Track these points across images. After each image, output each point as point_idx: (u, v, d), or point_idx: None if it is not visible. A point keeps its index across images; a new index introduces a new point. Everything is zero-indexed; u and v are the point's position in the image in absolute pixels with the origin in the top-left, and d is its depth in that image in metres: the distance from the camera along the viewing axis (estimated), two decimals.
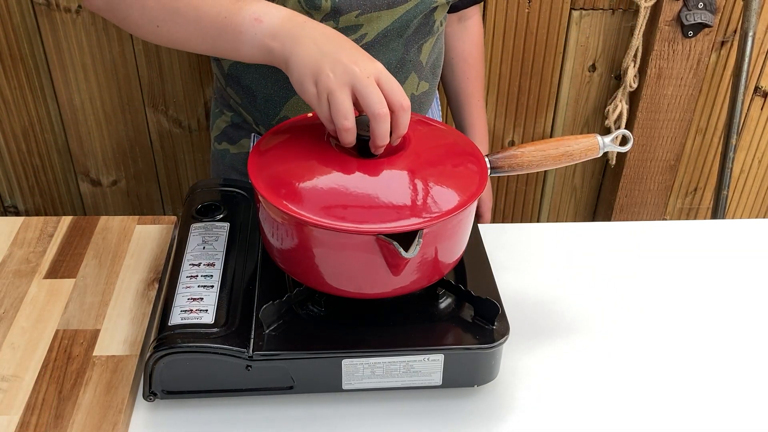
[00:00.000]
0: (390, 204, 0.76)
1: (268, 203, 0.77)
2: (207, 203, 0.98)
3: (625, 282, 1.02)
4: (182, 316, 0.81)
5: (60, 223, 1.04)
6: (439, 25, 1.15)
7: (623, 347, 0.93)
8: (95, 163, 1.89)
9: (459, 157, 0.86)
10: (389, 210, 0.76)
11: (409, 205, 0.76)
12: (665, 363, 0.91)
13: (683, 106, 1.85)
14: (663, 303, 0.99)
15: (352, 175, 0.78)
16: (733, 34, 1.80)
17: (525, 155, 0.88)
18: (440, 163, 0.84)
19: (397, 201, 0.77)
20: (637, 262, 1.07)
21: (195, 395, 0.82)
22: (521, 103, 1.87)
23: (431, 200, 0.78)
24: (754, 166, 2.04)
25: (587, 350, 0.92)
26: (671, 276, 1.05)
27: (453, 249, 0.83)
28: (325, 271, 0.79)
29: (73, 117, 1.81)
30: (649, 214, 2.03)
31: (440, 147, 0.87)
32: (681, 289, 1.03)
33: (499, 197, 2.05)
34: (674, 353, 0.92)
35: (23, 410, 0.78)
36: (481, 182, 0.81)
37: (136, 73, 1.76)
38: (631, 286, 1.02)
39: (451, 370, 0.81)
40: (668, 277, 1.04)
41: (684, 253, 1.06)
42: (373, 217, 0.75)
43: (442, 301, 0.86)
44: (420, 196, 0.79)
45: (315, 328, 0.81)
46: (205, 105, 1.83)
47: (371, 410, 0.83)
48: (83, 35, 1.69)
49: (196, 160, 1.92)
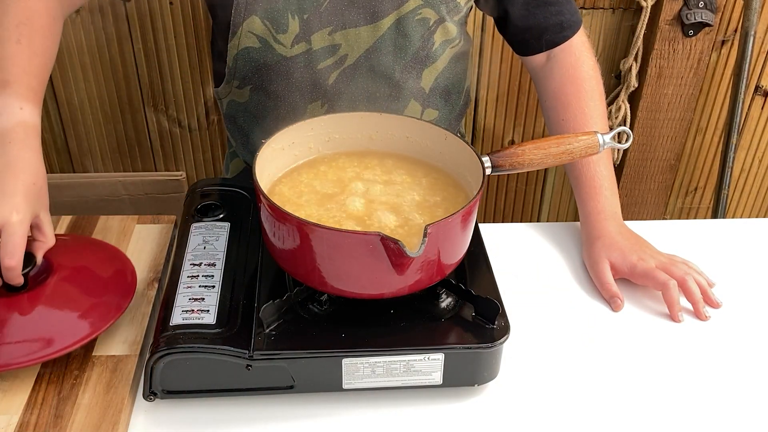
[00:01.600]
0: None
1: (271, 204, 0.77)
2: (207, 203, 0.98)
3: (624, 281, 1.02)
4: (184, 317, 0.80)
5: (60, 222, 1.04)
6: (442, 50, 1.09)
7: (623, 346, 0.93)
8: (94, 162, 1.89)
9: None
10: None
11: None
12: (665, 362, 0.91)
13: (683, 106, 1.85)
14: (663, 302, 0.99)
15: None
16: (733, 34, 1.80)
17: (526, 153, 0.87)
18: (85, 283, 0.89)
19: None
20: None
21: (195, 395, 0.82)
22: (521, 102, 1.87)
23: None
24: (755, 165, 2.04)
25: (588, 350, 0.92)
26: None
27: (456, 249, 0.82)
28: (328, 272, 0.78)
29: (73, 116, 1.81)
30: (650, 213, 2.03)
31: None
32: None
33: (499, 197, 2.05)
34: (674, 352, 0.92)
35: (23, 409, 0.78)
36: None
37: (136, 72, 1.76)
38: (631, 285, 1.01)
39: (452, 369, 0.81)
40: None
41: (684, 252, 1.05)
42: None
43: (442, 300, 0.85)
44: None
45: (315, 328, 0.81)
46: (204, 104, 1.83)
47: (371, 410, 0.83)
48: (82, 35, 1.69)
49: (195, 160, 1.92)
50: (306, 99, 1.07)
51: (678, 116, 1.86)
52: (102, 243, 0.98)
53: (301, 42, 1.02)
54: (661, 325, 0.96)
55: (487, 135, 1.92)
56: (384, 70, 1.06)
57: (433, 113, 1.15)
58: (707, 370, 0.90)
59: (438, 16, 1.05)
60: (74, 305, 0.86)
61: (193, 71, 1.76)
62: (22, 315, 0.84)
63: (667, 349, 0.93)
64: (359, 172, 0.93)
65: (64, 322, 0.84)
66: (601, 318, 0.97)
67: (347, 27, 1.02)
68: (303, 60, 1.05)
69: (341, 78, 1.06)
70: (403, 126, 0.95)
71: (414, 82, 1.10)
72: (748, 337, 0.95)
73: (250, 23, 1.01)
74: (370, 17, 1.02)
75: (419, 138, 0.95)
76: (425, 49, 1.08)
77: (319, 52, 1.04)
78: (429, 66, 1.10)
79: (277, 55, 1.04)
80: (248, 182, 1.01)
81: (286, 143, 0.91)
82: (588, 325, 0.96)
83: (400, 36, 1.04)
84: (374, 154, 0.96)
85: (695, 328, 0.96)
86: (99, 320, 0.84)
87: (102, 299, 0.87)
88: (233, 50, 1.05)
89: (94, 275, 0.91)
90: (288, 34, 1.01)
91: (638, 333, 0.95)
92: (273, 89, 1.08)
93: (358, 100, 1.08)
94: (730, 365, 0.91)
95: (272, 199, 0.78)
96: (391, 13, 1.02)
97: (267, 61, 1.05)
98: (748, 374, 0.90)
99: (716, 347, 0.93)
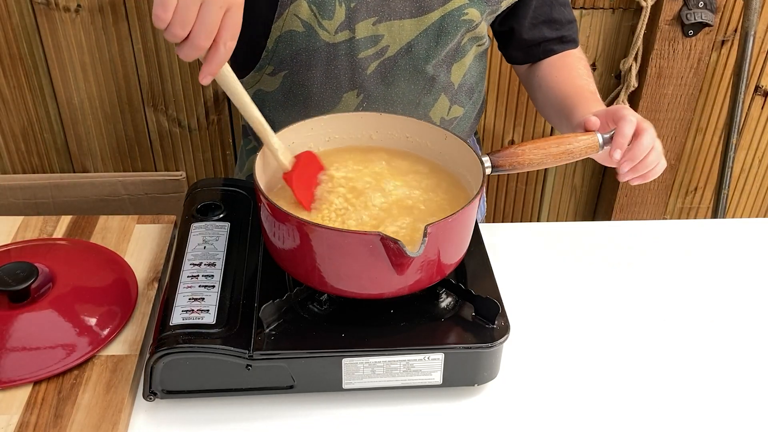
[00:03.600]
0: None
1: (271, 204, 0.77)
2: (207, 203, 0.98)
3: (625, 281, 1.02)
4: (184, 316, 0.80)
5: (59, 222, 1.04)
6: (470, 46, 1.11)
7: (623, 346, 0.93)
8: (94, 162, 1.89)
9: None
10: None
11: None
12: (665, 362, 0.91)
13: (683, 106, 1.85)
14: (663, 302, 0.99)
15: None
16: (733, 34, 1.80)
17: (526, 153, 0.87)
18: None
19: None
20: (638, 262, 1.07)
21: (195, 395, 0.82)
22: (521, 102, 1.87)
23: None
24: (755, 165, 2.04)
25: (587, 349, 0.92)
26: (671, 275, 1.05)
27: (456, 249, 0.82)
28: (328, 272, 0.78)
29: (73, 116, 1.81)
30: (649, 213, 2.03)
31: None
32: (681, 288, 1.02)
33: (499, 196, 2.05)
34: (674, 352, 0.92)
35: (23, 409, 0.78)
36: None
37: (136, 72, 1.76)
38: (631, 286, 1.01)
39: (452, 369, 0.81)
40: (668, 277, 1.04)
41: (684, 252, 1.05)
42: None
43: (442, 300, 0.85)
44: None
45: (315, 328, 0.81)
46: (204, 104, 1.82)
47: (371, 409, 0.83)
48: (82, 34, 1.69)
49: (195, 160, 1.92)
50: (343, 88, 1.08)
51: (678, 116, 1.86)
52: (101, 248, 0.98)
53: (345, 30, 1.02)
54: (662, 324, 0.96)
55: (487, 135, 1.92)
56: (420, 63, 1.07)
57: (459, 110, 1.16)
58: (707, 370, 0.90)
59: (480, 17, 1.07)
60: (76, 319, 0.86)
61: (193, 71, 1.76)
62: (23, 328, 0.84)
63: (666, 348, 0.93)
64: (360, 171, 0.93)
65: (67, 335, 0.84)
66: (601, 317, 0.97)
67: (392, 18, 1.03)
68: (345, 48, 1.05)
69: (380, 68, 1.06)
70: (403, 126, 0.95)
71: (445, 77, 1.11)
72: (747, 337, 0.95)
73: (296, 6, 1.01)
74: (416, 11, 1.03)
75: (419, 138, 0.95)
76: (457, 45, 1.09)
77: (362, 41, 1.04)
78: (458, 61, 1.11)
79: (320, 41, 1.04)
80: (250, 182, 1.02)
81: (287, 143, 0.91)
82: (588, 324, 0.96)
83: (442, 32, 1.05)
84: (374, 154, 0.96)
85: (695, 328, 0.96)
86: (102, 330, 0.85)
87: (105, 308, 0.88)
88: (276, 32, 1.04)
89: (95, 284, 0.92)
90: (333, 20, 1.01)
91: (638, 332, 0.95)
92: (309, 75, 1.08)
93: (394, 92, 1.09)
94: (729, 364, 0.91)
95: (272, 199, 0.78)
96: (437, 8, 1.03)
97: (309, 46, 1.05)
98: (747, 373, 0.90)
99: (716, 346, 0.93)
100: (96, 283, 0.92)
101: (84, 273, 0.92)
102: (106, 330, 0.86)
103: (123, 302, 0.89)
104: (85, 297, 0.89)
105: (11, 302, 0.85)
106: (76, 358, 0.82)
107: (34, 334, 0.84)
